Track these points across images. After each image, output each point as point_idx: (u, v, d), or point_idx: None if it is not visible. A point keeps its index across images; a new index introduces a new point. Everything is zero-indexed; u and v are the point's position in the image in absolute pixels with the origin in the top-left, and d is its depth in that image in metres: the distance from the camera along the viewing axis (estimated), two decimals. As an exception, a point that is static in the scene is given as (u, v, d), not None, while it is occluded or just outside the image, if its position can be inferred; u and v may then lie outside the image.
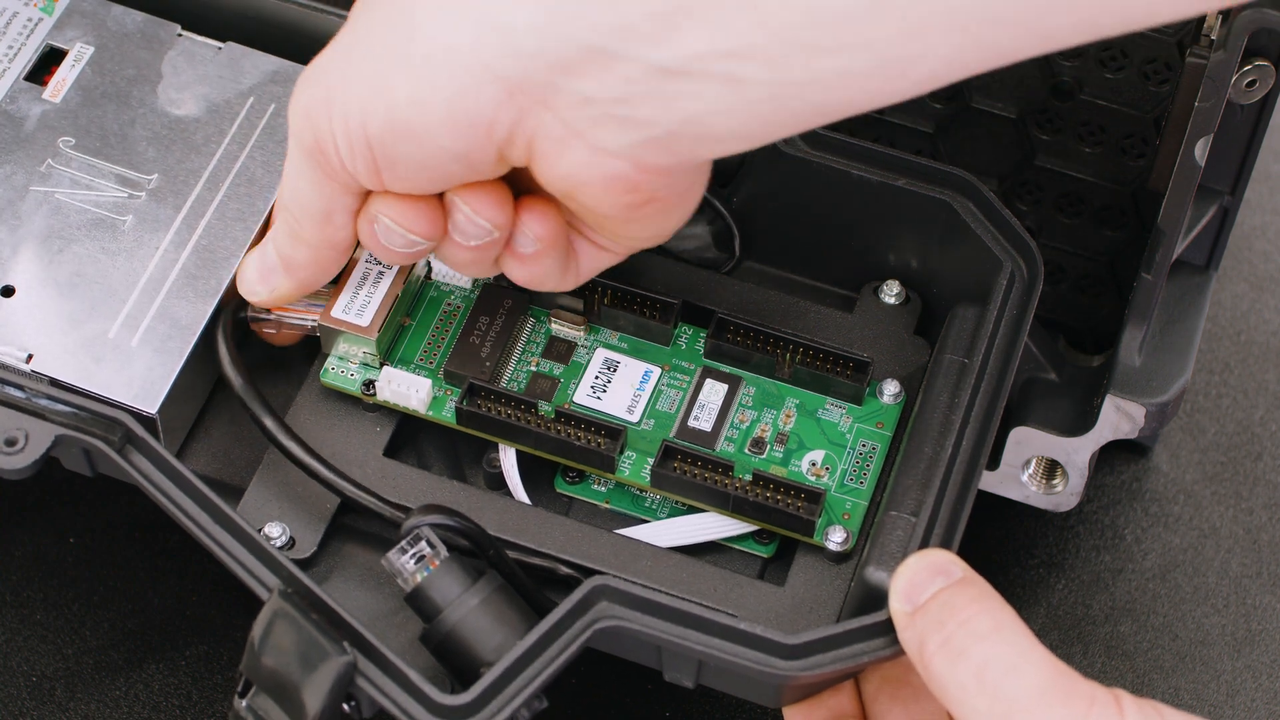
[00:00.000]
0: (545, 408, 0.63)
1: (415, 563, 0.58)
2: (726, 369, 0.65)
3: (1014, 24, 0.50)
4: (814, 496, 0.61)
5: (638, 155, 0.54)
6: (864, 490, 0.63)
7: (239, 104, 0.68)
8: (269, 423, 0.62)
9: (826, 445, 0.64)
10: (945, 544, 0.59)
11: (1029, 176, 0.70)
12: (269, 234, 0.62)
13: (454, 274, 0.66)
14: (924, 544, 0.59)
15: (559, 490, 0.64)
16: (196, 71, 0.68)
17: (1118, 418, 0.66)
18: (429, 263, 0.66)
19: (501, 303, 0.65)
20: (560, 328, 0.66)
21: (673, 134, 0.53)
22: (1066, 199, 0.70)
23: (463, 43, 0.53)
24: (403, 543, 0.58)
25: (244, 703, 0.56)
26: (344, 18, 0.68)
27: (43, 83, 0.68)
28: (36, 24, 0.69)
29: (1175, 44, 0.65)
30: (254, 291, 0.62)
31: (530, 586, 0.60)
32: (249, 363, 0.63)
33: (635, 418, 0.64)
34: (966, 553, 0.57)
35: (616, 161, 0.54)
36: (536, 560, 0.61)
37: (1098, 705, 0.52)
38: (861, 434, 0.64)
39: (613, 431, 0.62)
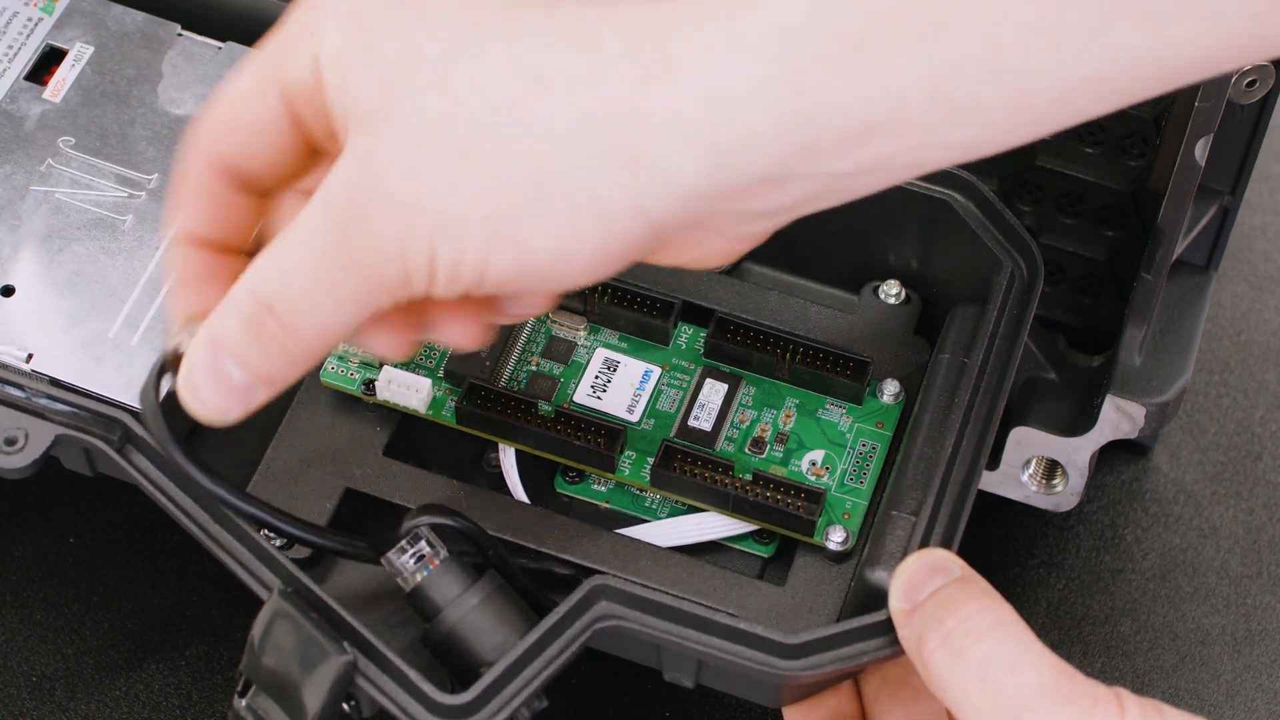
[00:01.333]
0: (545, 407, 0.63)
1: (415, 562, 0.58)
2: (726, 369, 0.65)
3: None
4: (814, 496, 0.61)
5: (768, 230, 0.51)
6: (864, 490, 0.63)
7: (239, 104, 0.68)
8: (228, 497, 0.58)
9: (826, 445, 0.64)
10: (945, 544, 0.59)
11: (1029, 176, 0.70)
12: (216, 346, 0.52)
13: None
14: (924, 544, 0.59)
15: (559, 490, 0.64)
16: (196, 71, 0.68)
17: (1118, 418, 0.66)
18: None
19: (501, 302, 0.65)
20: (560, 328, 0.66)
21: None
22: (1066, 199, 0.70)
23: (613, 194, 0.48)
24: (402, 542, 0.58)
25: (244, 702, 0.56)
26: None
27: (43, 82, 0.68)
28: (36, 24, 0.69)
29: (1175, 44, 0.65)
30: (227, 415, 0.53)
31: (530, 586, 0.60)
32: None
33: (635, 417, 0.64)
34: (966, 553, 0.57)
35: (748, 242, 0.51)
36: (536, 560, 0.62)
37: (1100, 704, 0.52)
38: (861, 434, 0.64)
39: (613, 431, 0.62)
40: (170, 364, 0.54)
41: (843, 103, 0.47)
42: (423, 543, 0.58)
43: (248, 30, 0.69)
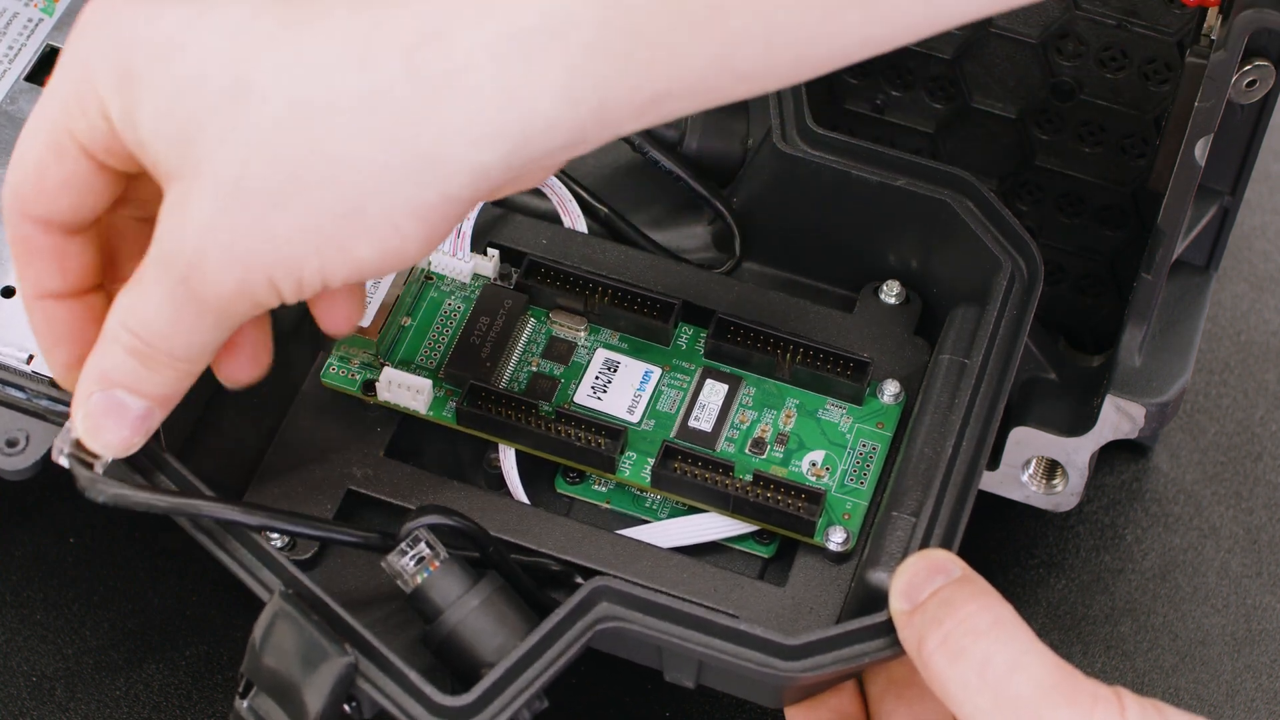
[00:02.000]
0: (545, 408, 0.63)
1: (415, 564, 0.58)
2: (726, 369, 0.65)
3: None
4: (814, 497, 0.61)
5: None
6: (864, 490, 0.63)
7: (239, 104, 0.68)
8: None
9: (827, 445, 0.64)
10: (946, 544, 0.59)
11: (1029, 176, 0.70)
12: (107, 381, 0.54)
13: (455, 271, 0.66)
14: (924, 544, 0.59)
15: (559, 491, 0.64)
16: (196, 72, 0.68)
17: (1118, 418, 0.66)
18: (429, 261, 0.66)
19: (501, 303, 0.65)
20: (560, 328, 0.66)
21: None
22: (1066, 199, 0.70)
23: (425, 194, 0.50)
24: (403, 544, 0.58)
25: (245, 703, 0.56)
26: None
27: (43, 83, 0.68)
28: (37, 24, 0.69)
29: (1175, 44, 0.65)
30: (130, 447, 0.55)
31: (530, 585, 0.60)
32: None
33: (635, 418, 0.64)
34: (966, 553, 0.57)
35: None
36: (536, 560, 0.62)
37: (1101, 703, 0.52)
38: (861, 434, 0.64)
39: (613, 432, 0.62)
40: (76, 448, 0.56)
41: (632, 82, 0.49)
42: (422, 544, 0.58)
43: (248, 30, 0.69)
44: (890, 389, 0.64)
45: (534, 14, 0.49)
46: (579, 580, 0.61)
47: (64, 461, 0.56)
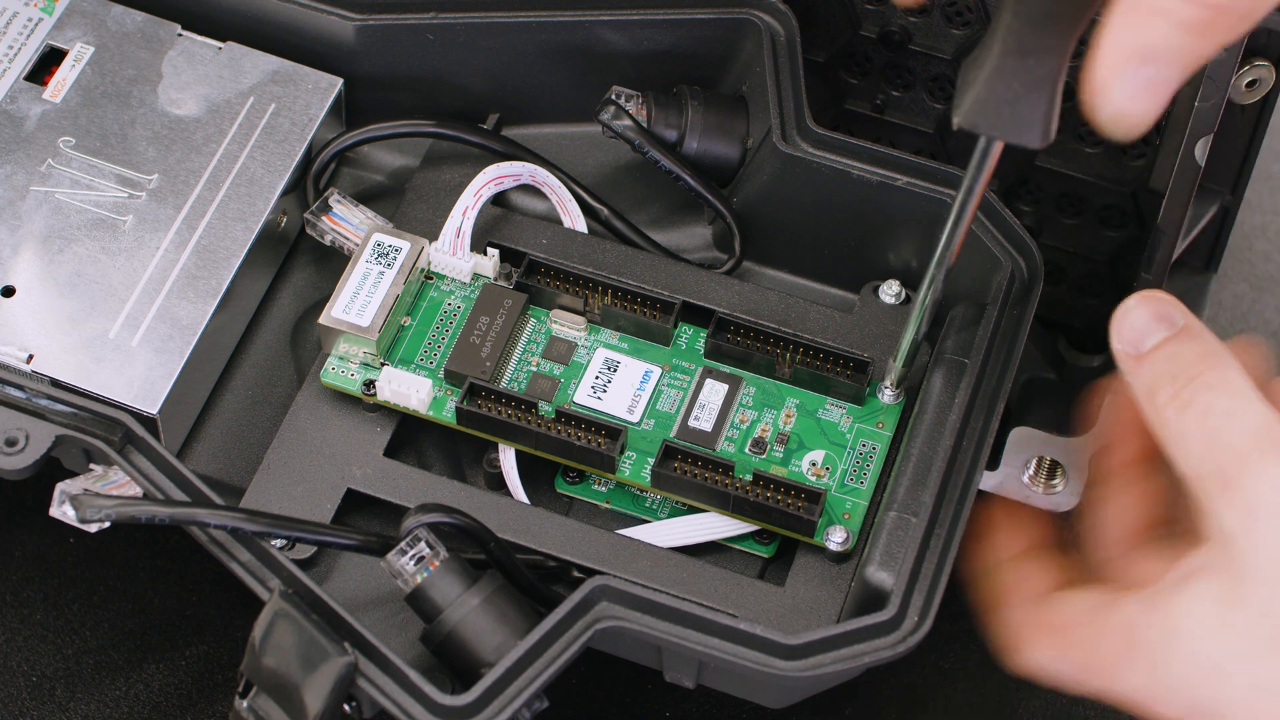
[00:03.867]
0: (545, 408, 0.63)
1: (415, 564, 0.58)
2: (727, 369, 0.65)
3: None
4: (814, 496, 0.61)
5: None
6: (864, 490, 0.63)
7: (239, 104, 0.68)
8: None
9: (827, 445, 0.64)
10: (945, 544, 0.59)
11: (1029, 176, 0.70)
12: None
13: (456, 270, 0.66)
14: (924, 544, 0.59)
15: (559, 490, 0.64)
16: (196, 71, 0.68)
17: (1118, 418, 0.66)
18: (429, 260, 0.66)
19: (501, 303, 0.65)
20: (560, 328, 0.66)
21: None
22: (1066, 199, 0.70)
23: None
24: (402, 544, 0.58)
25: (245, 703, 0.56)
26: (345, 17, 0.68)
27: (43, 83, 0.68)
28: (36, 24, 0.69)
29: (1175, 44, 0.65)
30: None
31: (531, 580, 0.60)
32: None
33: (635, 418, 0.64)
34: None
35: None
36: (536, 559, 0.62)
37: None
38: (861, 434, 0.64)
39: (613, 431, 0.62)
40: None
41: None
42: (422, 544, 0.58)
43: (248, 30, 0.69)
44: (890, 389, 0.64)
45: None
46: (578, 575, 0.61)
47: (62, 513, 0.57)
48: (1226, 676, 0.55)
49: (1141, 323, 0.59)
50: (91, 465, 0.60)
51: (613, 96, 0.67)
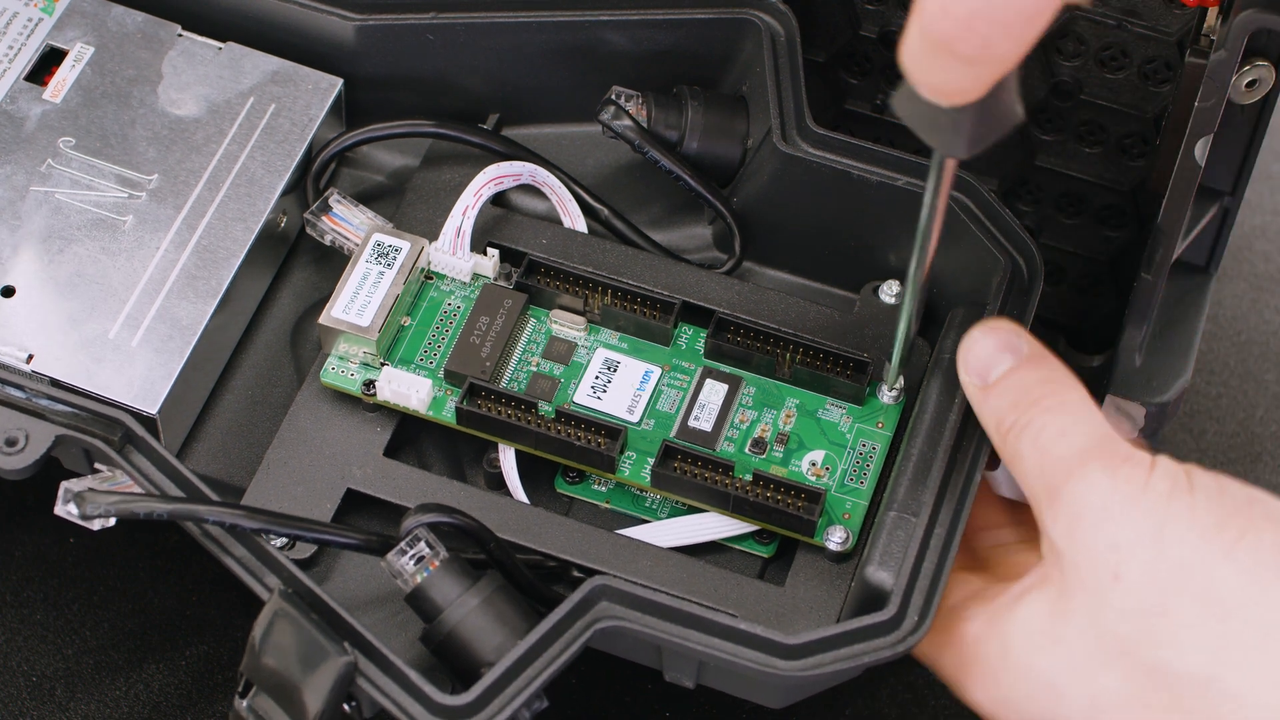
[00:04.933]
0: (545, 408, 0.63)
1: (415, 564, 0.58)
2: (726, 369, 0.65)
3: None
4: (814, 496, 0.61)
5: None
6: (864, 490, 0.63)
7: (239, 104, 0.68)
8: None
9: (826, 445, 0.64)
10: (945, 544, 0.59)
11: (1029, 176, 0.70)
12: None
13: (455, 270, 0.66)
14: (924, 544, 0.59)
15: (559, 490, 0.64)
16: (196, 71, 0.68)
17: (1118, 418, 0.66)
18: (429, 260, 0.66)
19: (501, 303, 0.65)
20: (560, 328, 0.66)
21: None
22: (1066, 199, 0.70)
23: None
24: (402, 543, 0.58)
25: (244, 703, 0.56)
26: (345, 17, 0.68)
27: (43, 83, 0.68)
28: (36, 24, 0.69)
29: (1175, 44, 0.65)
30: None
31: (531, 580, 0.60)
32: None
33: (635, 418, 0.64)
34: (967, 553, 0.57)
35: None
36: (537, 559, 0.62)
37: (1130, 463, 0.55)
38: (861, 434, 0.64)
39: (613, 431, 0.62)
40: None
41: None
42: (422, 544, 0.58)
43: (248, 30, 0.69)
44: (889, 389, 0.64)
45: None
46: (578, 575, 0.61)
47: (66, 511, 0.57)
48: (1060, 691, 0.55)
49: (986, 354, 0.58)
50: (97, 466, 0.60)
51: (613, 96, 0.67)
